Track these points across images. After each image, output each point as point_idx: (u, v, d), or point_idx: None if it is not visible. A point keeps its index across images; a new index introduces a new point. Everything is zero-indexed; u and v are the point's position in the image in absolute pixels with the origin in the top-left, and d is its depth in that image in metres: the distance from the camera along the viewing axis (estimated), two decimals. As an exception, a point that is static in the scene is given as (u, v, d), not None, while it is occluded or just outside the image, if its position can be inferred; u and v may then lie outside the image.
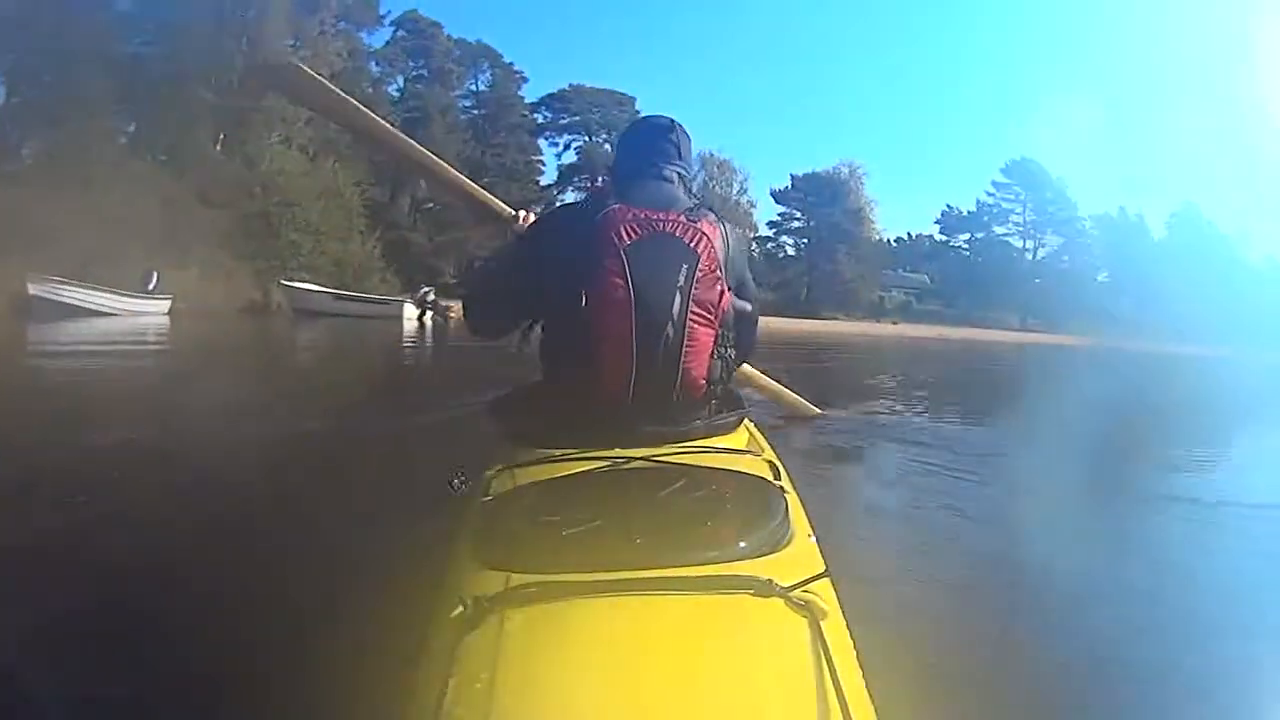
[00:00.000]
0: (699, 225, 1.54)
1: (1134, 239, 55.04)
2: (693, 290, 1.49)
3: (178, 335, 13.97)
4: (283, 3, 29.31)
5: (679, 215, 1.55)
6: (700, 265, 1.50)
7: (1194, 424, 7.67)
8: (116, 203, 20.65)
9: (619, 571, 0.90)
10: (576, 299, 1.48)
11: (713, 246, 1.53)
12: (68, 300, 15.36)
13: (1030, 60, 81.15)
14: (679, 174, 1.74)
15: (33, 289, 14.79)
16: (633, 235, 1.50)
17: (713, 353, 1.55)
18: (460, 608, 0.86)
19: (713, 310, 1.52)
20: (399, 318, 21.70)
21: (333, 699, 1.45)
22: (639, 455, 1.35)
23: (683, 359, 1.49)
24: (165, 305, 18.36)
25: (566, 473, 1.29)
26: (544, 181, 47.47)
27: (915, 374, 13.52)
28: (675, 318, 1.48)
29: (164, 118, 25.36)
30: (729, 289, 1.56)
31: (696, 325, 1.50)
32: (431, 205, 41.61)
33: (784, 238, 56.09)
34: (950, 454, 4.60)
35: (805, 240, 55.13)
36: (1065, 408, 8.67)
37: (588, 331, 1.49)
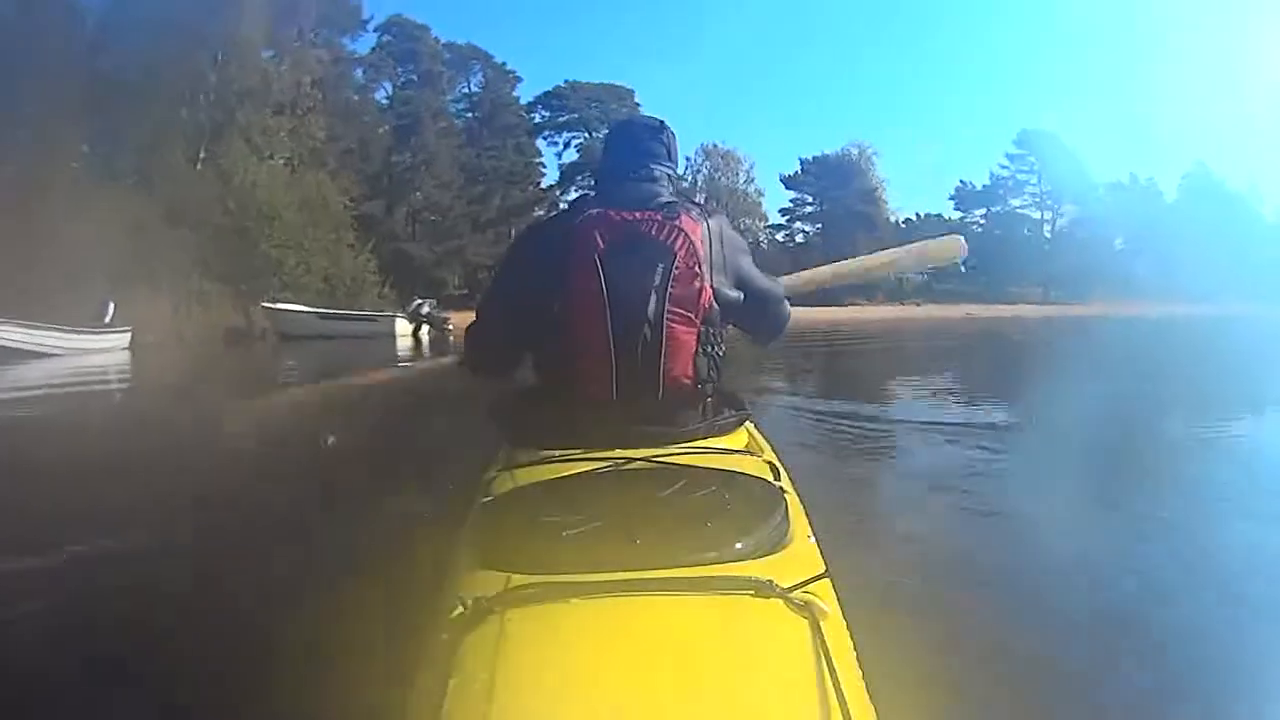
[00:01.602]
0: (676, 222, 1.46)
1: (1148, 204, 53.76)
2: (669, 289, 1.42)
3: (123, 376, 11.61)
4: (257, 12, 27.01)
5: (656, 213, 1.47)
6: (677, 263, 1.43)
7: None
8: (75, 229, 18.41)
9: (619, 572, 0.88)
10: (551, 307, 1.46)
11: (691, 243, 1.46)
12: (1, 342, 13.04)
13: (1034, 28, 78.45)
14: (668, 175, 1.65)
15: (-46, 331, 12.46)
16: (608, 239, 1.44)
17: (697, 351, 1.48)
18: (460, 608, 0.84)
19: (692, 308, 1.45)
20: (392, 334, 19.32)
21: (333, 699, 1.39)
22: (639, 456, 1.30)
23: (663, 359, 1.44)
24: (124, 339, 16.05)
25: (566, 473, 1.25)
26: (546, 182, 45.01)
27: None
28: (651, 318, 1.42)
29: (133, 136, 23.12)
30: (711, 285, 1.48)
31: (675, 324, 1.44)
32: (431, 216, 39.29)
33: (797, 224, 53.60)
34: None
35: (820, 225, 52.44)
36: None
37: (565, 339, 1.47)
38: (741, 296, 1.57)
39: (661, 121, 1.73)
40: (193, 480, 3.81)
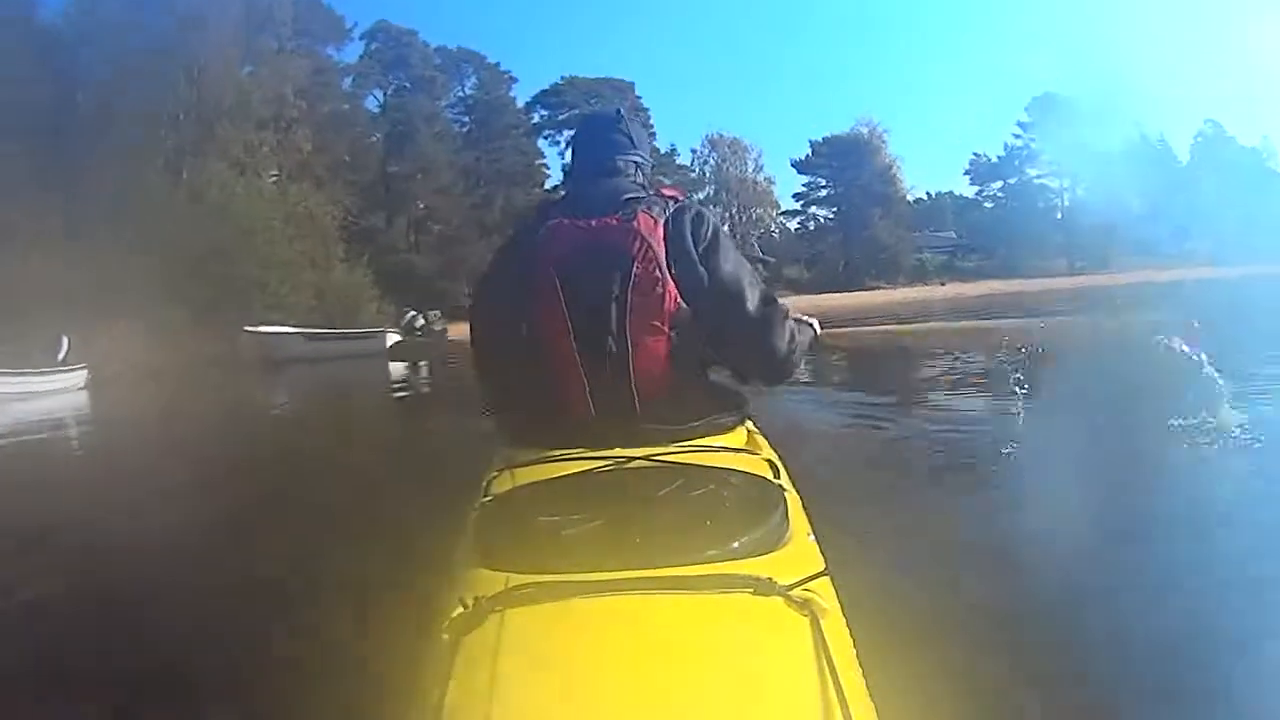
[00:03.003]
0: (633, 224, 1.38)
1: (1162, 166, 50.55)
2: (630, 298, 1.36)
3: (61, 426, 9.32)
4: (229, 24, 25.05)
5: (613, 217, 1.40)
6: (636, 269, 1.36)
7: None
8: (32, 261, 16.41)
9: (618, 571, 0.87)
10: (519, 327, 1.44)
11: (649, 246, 1.37)
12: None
13: None
14: (635, 163, 1.60)
15: None
16: (567, 251, 1.39)
17: (669, 356, 1.40)
18: (460, 608, 0.83)
19: (657, 315, 1.37)
20: (384, 352, 17.06)
21: (333, 700, 1.35)
22: (638, 455, 1.28)
23: (633, 370, 1.38)
24: (79, 378, 13.86)
25: (566, 473, 1.23)
26: (551, 183, 42.46)
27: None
28: (615, 330, 1.37)
29: (108, 161, 21.20)
30: (675, 289, 1.38)
31: (640, 334, 1.37)
32: (434, 225, 37.13)
33: (813, 209, 50.88)
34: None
35: (836, 208, 49.79)
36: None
37: (538, 359, 1.43)
38: (706, 282, 1.41)
39: (619, 110, 1.68)
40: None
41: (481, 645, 0.77)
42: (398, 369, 15.04)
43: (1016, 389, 3.66)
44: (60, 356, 14.02)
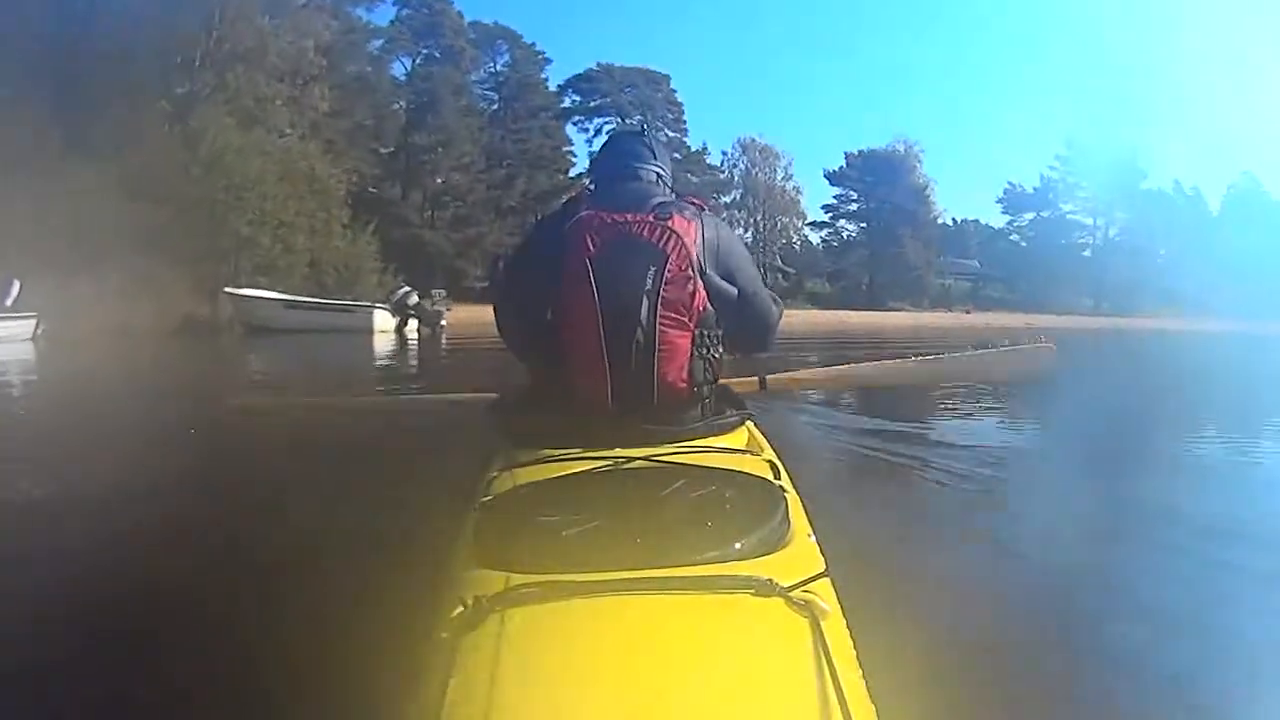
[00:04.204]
0: (669, 223, 1.39)
1: (1192, 213, 49.66)
2: (661, 292, 1.36)
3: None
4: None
5: (648, 215, 1.40)
6: (669, 265, 1.37)
7: None
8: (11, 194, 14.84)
9: (619, 571, 0.86)
10: (545, 311, 1.43)
11: (683, 244, 1.38)
12: None
13: (1083, 34, 73.53)
14: (657, 173, 1.61)
15: None
16: (600, 241, 1.38)
17: (692, 354, 1.42)
18: (460, 608, 0.82)
19: (685, 311, 1.39)
20: (369, 330, 15.44)
21: (333, 700, 1.33)
22: (639, 455, 1.27)
23: (656, 363, 1.39)
24: (27, 327, 12.28)
25: (566, 473, 1.22)
26: (576, 169, 40.59)
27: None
28: (644, 322, 1.37)
29: (111, 102, 19.60)
30: (704, 288, 1.41)
31: (668, 328, 1.38)
32: (450, 200, 35.40)
33: (841, 221, 49.05)
34: None
35: (865, 223, 47.92)
36: None
37: (560, 345, 1.42)
38: (736, 293, 1.51)
39: (642, 125, 1.63)
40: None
41: (481, 645, 0.76)
42: (383, 347, 13.48)
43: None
44: (9, 302, 12.51)
